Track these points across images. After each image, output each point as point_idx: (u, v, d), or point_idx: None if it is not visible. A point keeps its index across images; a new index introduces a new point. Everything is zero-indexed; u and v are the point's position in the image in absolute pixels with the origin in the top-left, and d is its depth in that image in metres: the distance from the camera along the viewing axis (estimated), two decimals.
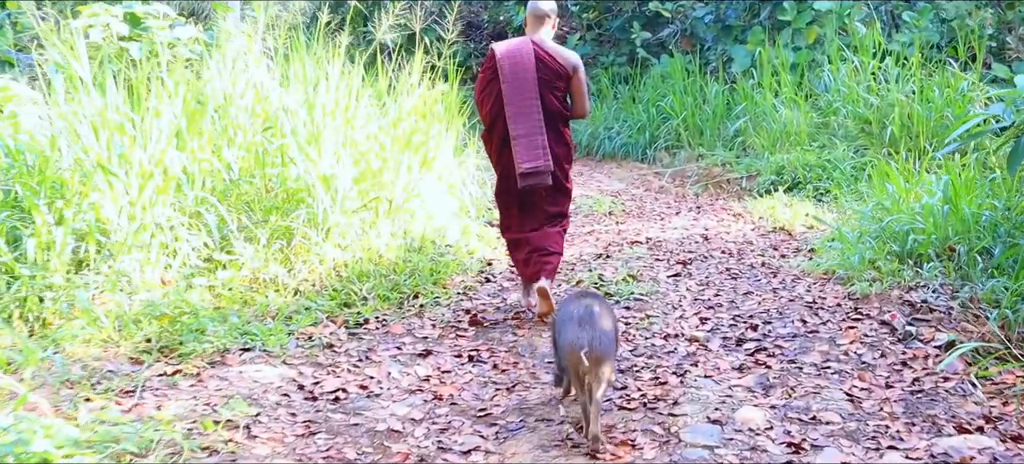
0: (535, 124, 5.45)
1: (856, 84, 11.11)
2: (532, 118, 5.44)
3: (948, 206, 6.41)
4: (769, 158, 10.74)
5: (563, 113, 5.63)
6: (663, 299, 6.01)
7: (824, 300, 5.91)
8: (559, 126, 5.61)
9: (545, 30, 5.69)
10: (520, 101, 5.45)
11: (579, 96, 5.65)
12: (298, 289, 5.88)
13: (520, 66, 5.46)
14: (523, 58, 5.48)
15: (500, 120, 5.53)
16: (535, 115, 5.45)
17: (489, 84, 5.60)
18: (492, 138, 5.69)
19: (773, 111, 11.42)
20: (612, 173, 12.73)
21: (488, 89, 5.60)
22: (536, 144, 5.45)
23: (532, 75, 5.45)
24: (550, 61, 5.54)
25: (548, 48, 5.58)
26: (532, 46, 5.54)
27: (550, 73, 5.53)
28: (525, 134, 5.45)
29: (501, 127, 5.54)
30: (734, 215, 9.11)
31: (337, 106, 6.99)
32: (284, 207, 6.36)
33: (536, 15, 5.68)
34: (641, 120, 13.78)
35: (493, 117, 5.59)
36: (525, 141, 5.45)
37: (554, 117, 5.56)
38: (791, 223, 8.40)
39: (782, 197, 9.34)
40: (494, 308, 5.90)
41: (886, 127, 10.41)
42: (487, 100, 5.61)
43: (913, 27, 12.26)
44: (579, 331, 3.79)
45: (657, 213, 9.41)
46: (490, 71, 5.58)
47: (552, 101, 5.54)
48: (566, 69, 5.57)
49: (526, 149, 5.44)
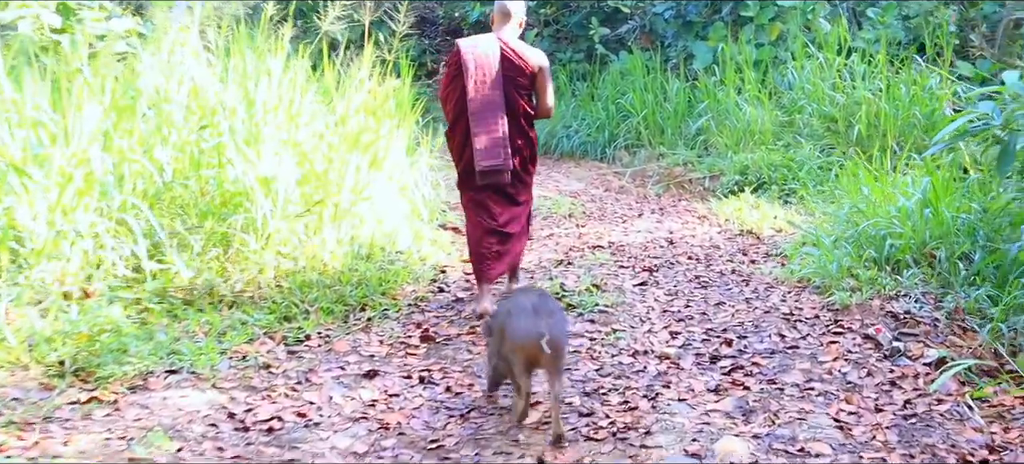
0: (497, 122, 5.35)
1: (821, 82, 10.78)
2: (494, 116, 5.35)
3: (929, 209, 6.05)
4: (733, 157, 10.36)
5: (528, 112, 5.53)
6: (630, 311, 5.57)
7: (801, 311, 5.51)
8: (523, 124, 5.51)
9: (511, 27, 5.59)
10: (483, 98, 5.35)
11: (544, 95, 5.56)
12: (235, 301, 5.37)
13: (485, 63, 5.37)
14: (488, 55, 5.39)
15: (463, 117, 5.42)
16: (498, 113, 5.36)
17: (453, 81, 5.49)
18: (455, 135, 5.57)
19: (737, 109, 11.05)
20: (570, 172, 12.29)
21: (452, 85, 5.50)
22: (496, 142, 5.36)
23: (497, 73, 5.37)
24: (516, 58, 5.43)
25: (514, 46, 5.48)
26: (498, 43, 5.44)
27: (515, 71, 5.43)
28: (485, 133, 5.36)
29: (464, 124, 5.43)
30: (699, 217, 8.71)
31: (279, 103, 6.48)
32: (221, 212, 5.85)
33: (503, 12, 5.58)
34: (600, 118, 13.35)
35: (457, 114, 5.48)
36: (485, 139, 5.36)
37: (518, 115, 5.47)
38: (759, 226, 8.01)
39: (749, 198, 8.95)
40: (448, 321, 5.42)
41: (853, 126, 10.09)
42: (451, 97, 5.50)
43: (877, 24, 11.96)
44: (536, 320, 3.67)
45: (619, 215, 8.98)
46: (454, 67, 5.48)
47: (517, 99, 5.44)
48: (532, 67, 5.47)
49: (486, 147, 5.35)
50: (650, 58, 13.46)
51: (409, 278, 6.16)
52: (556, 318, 3.78)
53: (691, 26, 13.36)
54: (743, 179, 9.81)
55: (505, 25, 5.58)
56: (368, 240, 6.32)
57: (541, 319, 3.68)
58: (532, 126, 5.62)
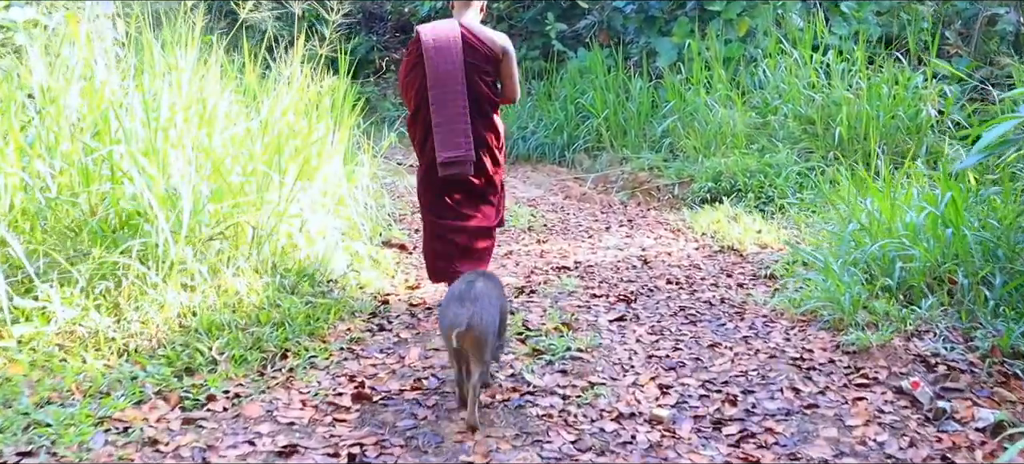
0: (458, 111, 5.08)
1: (796, 80, 9.88)
2: (455, 105, 5.07)
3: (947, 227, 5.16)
4: (704, 162, 9.43)
5: (492, 98, 5.26)
6: (608, 356, 4.55)
7: (812, 355, 4.54)
8: (488, 111, 5.24)
9: (473, 12, 5.31)
10: (443, 86, 5.07)
11: (509, 80, 5.30)
12: (126, 347, 4.30)
13: (446, 50, 5.07)
14: (450, 42, 5.09)
15: (424, 106, 5.14)
16: (459, 102, 5.08)
17: (413, 68, 5.19)
18: (416, 125, 5.27)
19: (706, 110, 10.11)
20: (528, 177, 11.29)
21: (413, 73, 5.19)
22: (457, 132, 5.08)
23: (459, 59, 5.08)
24: (479, 44, 5.15)
25: (476, 31, 5.19)
26: (460, 29, 5.14)
27: (479, 57, 5.15)
28: (446, 122, 5.08)
29: (425, 114, 5.15)
30: (673, 231, 7.74)
31: (190, 104, 5.40)
32: (114, 236, 4.77)
33: None
34: (558, 119, 12.36)
35: (417, 103, 5.19)
36: (446, 128, 5.08)
37: (482, 102, 5.19)
38: (741, 241, 7.06)
39: (727, 209, 8.01)
40: (388, 372, 4.37)
41: (832, 128, 9.22)
42: (412, 85, 5.20)
43: (852, 19, 11.10)
44: (459, 309, 3.64)
45: (584, 228, 7.98)
46: (415, 55, 5.17)
47: (480, 86, 5.17)
48: (495, 52, 5.19)
49: (446, 137, 5.08)
50: (610, 55, 12.50)
51: (343, 312, 5.11)
52: (479, 305, 3.66)
53: (654, 21, 12.41)
54: (716, 187, 8.90)
55: (466, 10, 5.28)
56: (294, 267, 5.26)
57: (464, 307, 3.62)
58: (497, 112, 5.33)
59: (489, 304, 3.73)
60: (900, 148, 9.05)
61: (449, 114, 5.07)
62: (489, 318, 3.68)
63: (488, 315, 3.68)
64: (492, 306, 3.75)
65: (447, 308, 3.72)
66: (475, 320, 3.61)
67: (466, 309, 3.62)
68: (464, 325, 3.57)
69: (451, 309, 3.67)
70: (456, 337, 3.56)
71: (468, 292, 3.73)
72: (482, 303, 3.69)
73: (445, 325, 3.68)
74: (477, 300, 3.68)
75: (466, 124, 5.09)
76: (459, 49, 5.09)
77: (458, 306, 3.65)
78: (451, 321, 3.61)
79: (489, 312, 3.70)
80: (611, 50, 12.62)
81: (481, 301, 3.70)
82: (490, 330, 3.68)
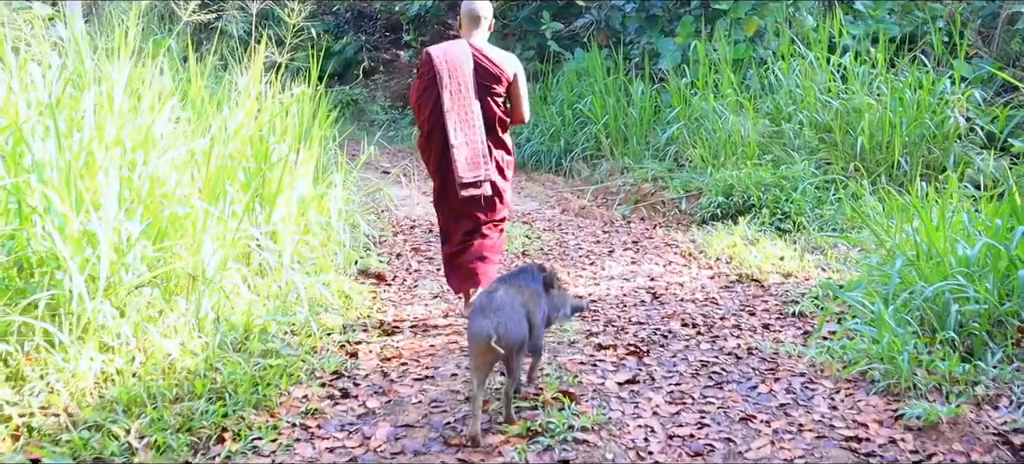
0: (475, 132, 5.03)
1: (812, 84, 9.00)
2: (472, 126, 5.02)
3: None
4: (713, 174, 8.55)
5: (503, 119, 5.19)
6: (619, 436, 3.62)
7: (868, 431, 3.64)
8: (499, 132, 5.19)
9: (481, 32, 5.17)
10: (459, 108, 5.00)
11: (518, 101, 5.22)
12: (27, 427, 3.41)
13: (459, 71, 5.01)
14: (461, 63, 5.02)
15: (439, 127, 5.04)
16: (475, 123, 5.03)
17: (426, 90, 5.07)
18: (431, 146, 5.14)
19: (715, 116, 9.22)
20: (522, 188, 10.40)
21: (425, 95, 5.07)
22: (477, 153, 5.03)
23: (470, 80, 5.01)
24: (490, 65, 5.06)
25: (487, 52, 5.09)
26: (470, 49, 5.07)
27: (490, 78, 5.07)
28: (467, 142, 5.02)
29: (440, 134, 5.05)
30: (683, 256, 6.84)
31: (123, 121, 4.49)
32: (18, 287, 3.87)
33: (472, 16, 5.15)
34: (555, 124, 11.47)
35: (432, 124, 5.07)
36: (467, 150, 5.02)
37: (494, 123, 5.13)
38: (761, 269, 6.18)
39: (743, 230, 7.13)
40: (348, 460, 3.48)
41: (852, 137, 8.35)
42: (425, 106, 5.07)
43: (868, 18, 10.20)
44: (483, 321, 3.55)
45: (585, 252, 7.08)
46: (427, 76, 5.05)
47: (491, 107, 5.10)
48: (506, 74, 5.10)
49: (467, 159, 5.01)
50: (610, 56, 11.60)
51: (301, 374, 4.21)
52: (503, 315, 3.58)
53: (656, 21, 11.52)
54: (727, 202, 8.02)
55: (474, 30, 5.14)
56: (243, 318, 4.36)
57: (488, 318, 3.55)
58: (507, 132, 5.27)
59: (513, 312, 3.63)
60: (925, 159, 8.19)
61: (467, 136, 4.99)
62: (514, 326, 3.58)
63: (513, 323, 3.58)
64: (517, 313, 3.65)
65: (473, 321, 3.60)
66: (501, 329, 3.50)
67: (490, 320, 3.52)
68: (491, 336, 3.46)
69: (476, 322, 3.57)
70: (484, 349, 3.47)
71: (490, 303, 3.63)
72: (505, 312, 3.59)
73: (472, 338, 3.57)
74: (500, 310, 3.59)
75: (483, 145, 5.03)
76: (471, 70, 5.00)
77: (482, 318, 3.55)
78: (476, 333, 3.52)
79: (514, 320, 3.60)
80: (611, 51, 11.73)
81: (504, 310, 3.60)
82: (517, 338, 3.59)
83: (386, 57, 17.07)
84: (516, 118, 5.28)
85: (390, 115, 15.40)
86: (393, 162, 12.11)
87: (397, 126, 14.82)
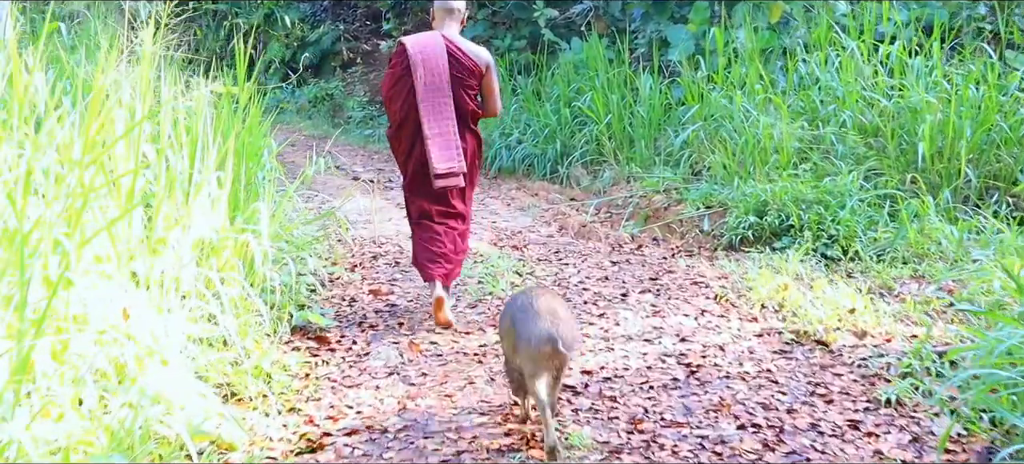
0: (449, 123, 4.90)
1: (856, 80, 7.39)
2: (446, 117, 4.90)
3: None
4: (739, 187, 6.93)
5: (476, 112, 5.07)
6: None
7: None
8: (470, 123, 5.05)
9: (454, 25, 5.07)
10: (434, 99, 4.88)
11: (491, 94, 5.10)
12: None
13: (433, 62, 4.88)
14: (436, 54, 4.89)
15: (411, 119, 4.91)
16: (449, 114, 4.90)
17: (399, 80, 4.93)
18: (401, 137, 5.00)
19: (741, 116, 7.59)
20: (512, 199, 8.77)
21: (398, 85, 4.93)
22: (450, 144, 4.90)
23: (445, 72, 4.89)
24: (463, 57, 4.94)
25: (460, 44, 4.98)
26: (444, 41, 4.94)
27: (463, 70, 4.94)
28: (440, 133, 4.88)
29: (411, 126, 4.92)
30: (718, 300, 5.20)
31: None
32: None
33: (446, 8, 5.07)
34: (550, 124, 9.79)
35: (403, 115, 4.93)
36: (440, 141, 4.88)
37: (466, 115, 5.00)
38: (826, 327, 4.57)
39: (793, 266, 5.52)
40: None
41: (908, 143, 6.77)
42: (397, 97, 4.94)
43: (913, 2, 8.57)
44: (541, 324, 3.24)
45: (590, 294, 5.40)
46: (401, 67, 4.92)
47: (465, 99, 4.97)
48: (479, 66, 4.99)
49: (441, 149, 4.88)
50: (612, 46, 9.95)
51: None
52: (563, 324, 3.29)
53: (664, 6, 9.86)
54: (760, 223, 6.42)
55: (449, 22, 5.08)
56: (61, 455, 2.71)
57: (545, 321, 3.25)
58: (477, 125, 5.16)
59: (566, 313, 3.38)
60: (992, 169, 6.60)
61: (442, 127, 4.90)
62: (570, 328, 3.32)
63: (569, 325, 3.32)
64: (568, 315, 3.41)
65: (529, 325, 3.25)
66: (563, 331, 3.23)
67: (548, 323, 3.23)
68: (557, 340, 3.18)
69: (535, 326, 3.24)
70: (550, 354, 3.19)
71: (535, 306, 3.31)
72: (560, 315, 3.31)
73: (533, 343, 3.22)
74: (554, 313, 3.29)
75: (457, 136, 4.92)
76: (445, 61, 4.91)
77: (538, 321, 3.24)
78: (540, 338, 3.20)
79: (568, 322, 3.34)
80: (613, 40, 10.07)
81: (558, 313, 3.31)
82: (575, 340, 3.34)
83: (366, 48, 15.36)
84: (489, 111, 5.17)
85: (368, 111, 13.73)
86: (367, 166, 10.47)
87: (376, 124, 13.16)
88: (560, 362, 3.24)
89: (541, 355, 3.20)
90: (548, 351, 3.19)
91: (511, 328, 3.37)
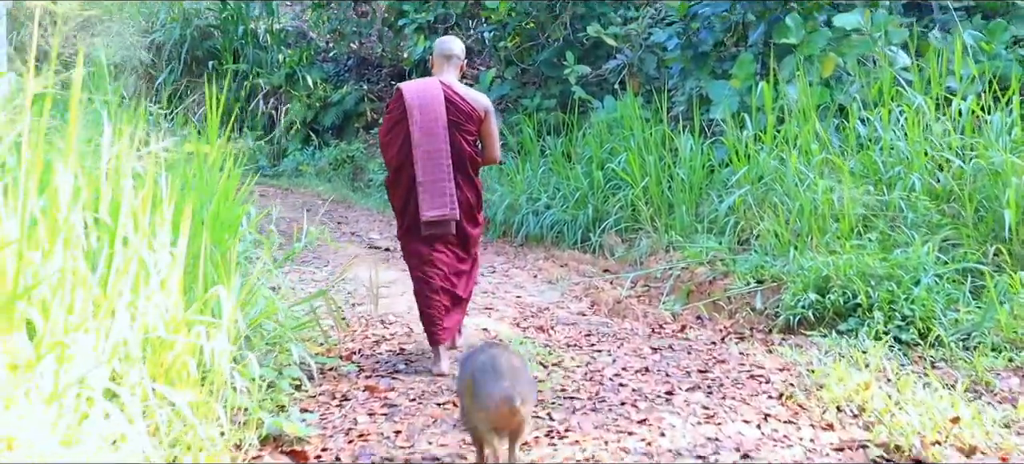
0: (443, 171, 4.79)
1: (926, 139, 6.50)
2: (441, 164, 4.80)
3: None
4: (796, 259, 6.02)
5: (475, 158, 4.97)
6: None
7: None
8: (469, 171, 4.95)
9: (453, 71, 5.01)
10: (429, 145, 4.78)
11: (490, 140, 5.01)
12: None
13: (430, 108, 4.81)
14: (433, 99, 4.82)
15: (407, 164, 4.82)
16: (444, 161, 4.80)
17: (395, 126, 4.89)
18: (398, 184, 4.91)
19: (797, 180, 6.70)
20: (539, 270, 7.91)
21: (394, 131, 4.89)
22: (443, 191, 4.79)
23: (442, 117, 4.80)
24: (461, 103, 4.87)
25: (458, 89, 4.91)
26: (441, 87, 4.87)
27: (461, 116, 4.86)
28: (432, 181, 4.78)
29: (407, 173, 4.82)
30: (783, 401, 4.25)
31: None
32: None
33: (445, 54, 5.01)
34: (581, 187, 8.94)
35: (400, 162, 4.86)
36: (432, 187, 4.78)
37: (465, 161, 4.90)
38: (923, 439, 3.63)
39: (875, 360, 4.58)
40: None
41: (990, 209, 5.86)
42: (393, 142, 4.89)
43: (980, 53, 7.67)
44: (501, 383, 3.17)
45: (629, 390, 4.46)
46: (397, 112, 4.87)
47: (463, 145, 4.88)
48: (478, 112, 4.91)
49: (431, 196, 4.78)
50: (648, 104, 9.12)
51: None
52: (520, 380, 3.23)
53: (704, 60, 9.03)
54: (822, 301, 5.50)
55: (447, 68, 4.99)
56: None
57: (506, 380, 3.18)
58: (478, 174, 5.04)
59: (525, 373, 3.30)
60: None
61: (435, 174, 4.77)
62: (529, 387, 3.27)
63: (528, 384, 3.27)
64: (527, 374, 3.33)
65: (489, 384, 3.17)
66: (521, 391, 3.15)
67: (508, 382, 3.15)
68: (516, 399, 3.10)
69: (495, 385, 3.15)
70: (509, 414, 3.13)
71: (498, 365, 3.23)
72: (520, 374, 3.24)
73: (494, 403, 3.14)
74: (515, 371, 3.23)
75: (450, 183, 4.80)
76: (442, 107, 4.80)
77: (499, 380, 3.17)
78: (500, 398, 3.12)
79: (527, 381, 3.27)
80: (650, 97, 9.24)
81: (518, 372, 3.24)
82: (533, 399, 3.31)
83: None
84: (488, 157, 5.08)
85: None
86: (384, 233, 9.65)
87: None
88: (518, 422, 3.20)
89: (500, 415, 3.15)
90: (506, 411, 3.12)
91: (471, 386, 3.29)
